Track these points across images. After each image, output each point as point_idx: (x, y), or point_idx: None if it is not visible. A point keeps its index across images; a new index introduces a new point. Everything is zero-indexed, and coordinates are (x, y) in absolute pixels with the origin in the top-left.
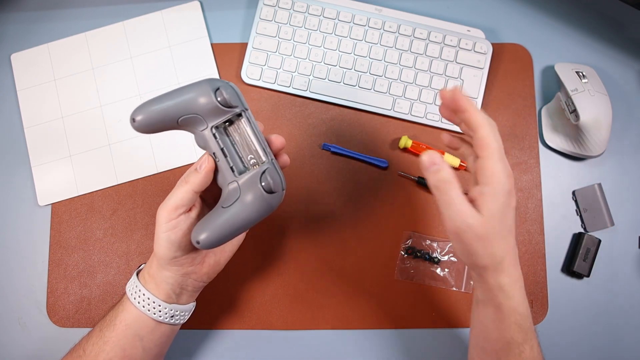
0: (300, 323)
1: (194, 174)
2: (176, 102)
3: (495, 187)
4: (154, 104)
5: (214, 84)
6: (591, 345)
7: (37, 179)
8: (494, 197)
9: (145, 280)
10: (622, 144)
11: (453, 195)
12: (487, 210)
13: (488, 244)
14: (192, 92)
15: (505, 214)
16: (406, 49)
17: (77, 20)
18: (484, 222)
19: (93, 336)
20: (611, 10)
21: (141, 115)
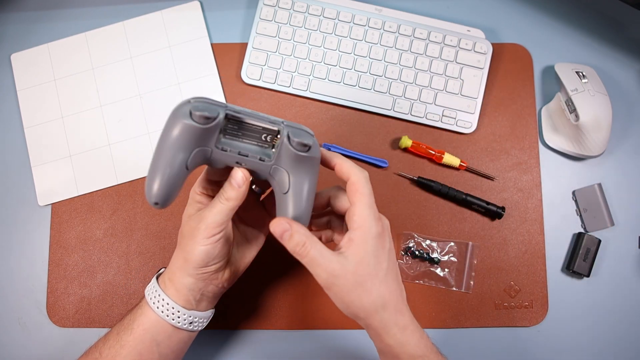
0: (300, 323)
1: (233, 191)
2: (172, 159)
3: (364, 230)
4: (157, 179)
5: (182, 112)
6: (591, 345)
7: (37, 179)
8: (363, 241)
9: (165, 285)
10: (622, 144)
11: (314, 254)
12: (357, 255)
13: (364, 292)
14: (173, 137)
15: (378, 257)
16: (406, 49)
17: (77, 20)
18: (354, 270)
19: (110, 339)
20: (611, 10)
21: (159, 197)
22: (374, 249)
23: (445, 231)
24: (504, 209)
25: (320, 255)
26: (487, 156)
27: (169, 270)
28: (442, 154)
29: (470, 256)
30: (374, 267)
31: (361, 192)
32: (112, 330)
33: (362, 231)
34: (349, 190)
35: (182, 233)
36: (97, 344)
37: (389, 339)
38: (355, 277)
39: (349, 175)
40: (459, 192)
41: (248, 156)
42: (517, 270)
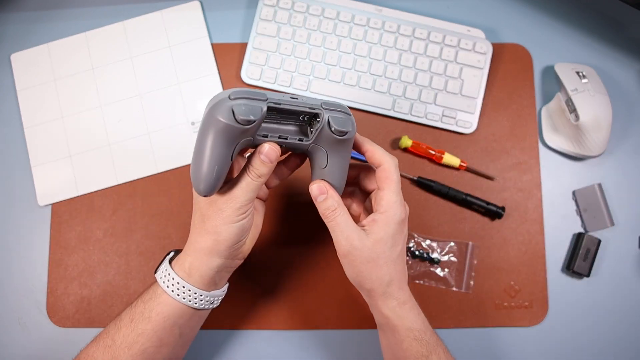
0: (300, 323)
1: (265, 167)
2: (217, 155)
3: (388, 215)
4: (204, 174)
5: (223, 111)
6: (591, 345)
7: (37, 179)
8: (386, 224)
9: (187, 272)
10: (622, 144)
11: (340, 220)
12: (377, 234)
13: (375, 267)
14: (215, 136)
15: (395, 241)
16: (406, 49)
17: (77, 20)
18: (371, 246)
19: (122, 327)
20: (611, 10)
21: (208, 190)
22: (394, 232)
23: (445, 231)
24: (504, 209)
25: (346, 224)
26: (487, 156)
27: (190, 256)
28: (442, 154)
29: (470, 256)
30: (389, 247)
31: (391, 178)
32: (122, 318)
33: (387, 215)
34: (379, 176)
35: (206, 215)
36: (107, 331)
37: (388, 311)
38: (370, 253)
39: (381, 162)
40: (459, 192)
41: (287, 138)
42: (517, 270)
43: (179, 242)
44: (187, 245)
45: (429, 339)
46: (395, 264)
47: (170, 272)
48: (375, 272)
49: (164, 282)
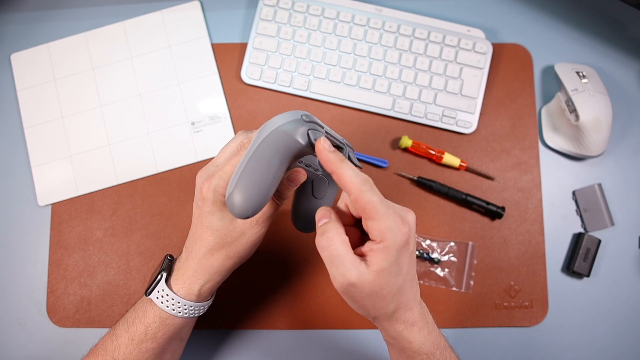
0: (300, 323)
1: (289, 191)
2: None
3: (386, 243)
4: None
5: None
6: (591, 345)
7: (37, 179)
8: (386, 253)
9: (198, 295)
10: (622, 144)
11: (337, 252)
12: (378, 266)
13: (378, 299)
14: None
15: (399, 264)
16: (406, 49)
17: (77, 20)
18: (373, 280)
19: (122, 345)
20: (611, 10)
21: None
22: (397, 257)
23: (445, 231)
24: (504, 209)
25: (341, 258)
26: (487, 156)
27: (201, 279)
28: (442, 154)
29: (470, 256)
30: (393, 276)
31: (370, 205)
32: (119, 335)
33: (385, 245)
34: (356, 207)
35: (227, 239)
36: (105, 348)
37: (395, 335)
38: (372, 287)
39: (349, 190)
40: (459, 192)
41: (310, 167)
42: (517, 270)
43: (179, 242)
44: (197, 267)
45: (438, 359)
46: (402, 289)
47: (174, 297)
48: (379, 303)
49: (167, 307)
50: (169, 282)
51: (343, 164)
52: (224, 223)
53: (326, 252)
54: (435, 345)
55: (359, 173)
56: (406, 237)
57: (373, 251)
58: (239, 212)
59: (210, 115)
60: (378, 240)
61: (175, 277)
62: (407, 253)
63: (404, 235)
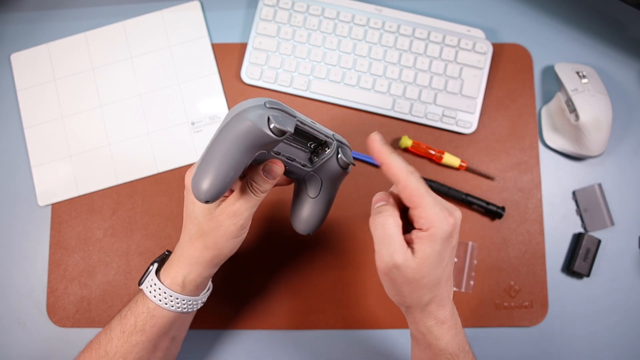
0: (300, 323)
1: (268, 184)
2: (236, 162)
3: (433, 231)
4: (214, 178)
5: (258, 117)
6: (591, 345)
7: (37, 179)
8: (432, 241)
9: (182, 286)
10: (622, 144)
11: (390, 232)
12: (423, 253)
13: (417, 288)
14: (244, 141)
15: (442, 256)
16: (406, 49)
17: (77, 20)
18: (416, 267)
19: (114, 338)
20: (611, 10)
21: (212, 196)
22: (441, 248)
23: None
24: (504, 209)
25: (393, 238)
26: (487, 156)
27: (184, 269)
28: (442, 154)
29: (470, 256)
30: (435, 266)
31: (418, 194)
32: (112, 328)
33: (431, 232)
34: (404, 197)
35: (205, 229)
36: (99, 342)
37: (424, 329)
38: (414, 273)
39: (398, 179)
40: (459, 192)
41: (294, 161)
42: (517, 270)
43: None
44: (180, 256)
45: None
46: (439, 282)
47: (161, 287)
48: (417, 292)
49: (155, 297)
50: (158, 274)
51: (392, 155)
52: (203, 212)
53: (379, 230)
54: (460, 347)
55: (406, 164)
56: (452, 229)
57: (419, 239)
58: (198, 194)
59: (210, 115)
60: (425, 228)
61: (164, 268)
62: (449, 246)
63: (450, 226)
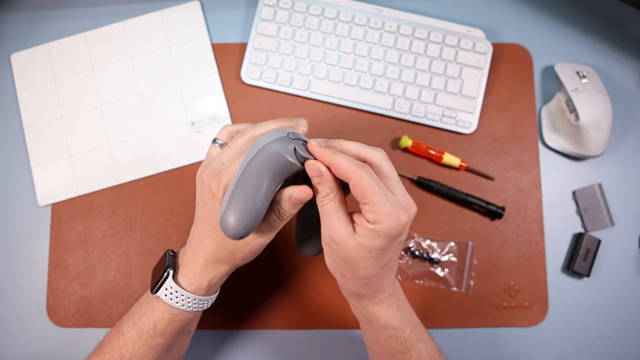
0: (300, 323)
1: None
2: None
3: (379, 227)
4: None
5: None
6: (591, 345)
7: (37, 179)
8: (375, 236)
9: (206, 290)
10: (622, 144)
11: (328, 209)
12: (363, 240)
13: (353, 268)
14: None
15: (383, 253)
16: (406, 49)
17: (77, 20)
18: (354, 248)
19: (130, 342)
20: (611, 10)
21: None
22: (385, 245)
23: (445, 231)
24: (504, 209)
25: (334, 214)
26: (487, 156)
27: (209, 275)
28: (442, 154)
29: (470, 256)
30: (375, 257)
31: (369, 190)
32: (126, 332)
33: (376, 227)
34: (355, 193)
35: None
36: (111, 345)
37: (360, 308)
38: (351, 254)
39: (348, 177)
40: (459, 192)
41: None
42: (517, 270)
43: (179, 242)
44: (207, 263)
45: (408, 335)
46: (378, 274)
47: (183, 293)
48: (352, 272)
49: (177, 303)
50: (176, 278)
51: (336, 154)
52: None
53: (321, 207)
54: (404, 322)
55: (354, 160)
56: (401, 228)
57: (363, 227)
58: (233, 233)
59: (210, 115)
60: (372, 222)
61: (183, 274)
62: (396, 243)
63: (399, 226)
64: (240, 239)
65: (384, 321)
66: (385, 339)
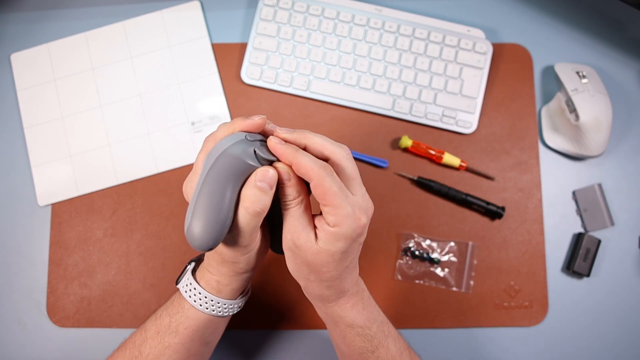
0: (300, 323)
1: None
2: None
3: (338, 230)
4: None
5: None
6: (591, 345)
7: (37, 179)
8: (336, 239)
9: (217, 290)
10: (622, 144)
11: (293, 213)
12: (325, 245)
13: (315, 272)
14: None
15: (345, 255)
16: (406, 49)
17: (77, 20)
18: (316, 253)
19: (149, 339)
20: (611, 10)
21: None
22: (345, 246)
23: (445, 231)
24: (504, 209)
25: (298, 219)
26: (487, 156)
27: (216, 276)
28: (442, 154)
29: (470, 256)
30: (337, 260)
31: (330, 193)
32: (147, 329)
33: (337, 230)
34: (315, 194)
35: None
36: (133, 341)
37: (325, 309)
38: (313, 259)
39: (309, 178)
40: (459, 192)
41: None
42: (517, 270)
43: (179, 242)
44: (209, 265)
45: (375, 333)
46: (341, 276)
47: (196, 287)
48: (314, 275)
49: (190, 297)
50: (195, 274)
51: (298, 153)
52: None
53: (285, 210)
54: (371, 320)
55: (317, 160)
56: (361, 230)
57: (324, 231)
58: (199, 244)
59: (210, 115)
60: (332, 225)
61: (200, 269)
62: (356, 245)
63: (359, 228)
64: (210, 249)
65: (350, 320)
66: (352, 339)
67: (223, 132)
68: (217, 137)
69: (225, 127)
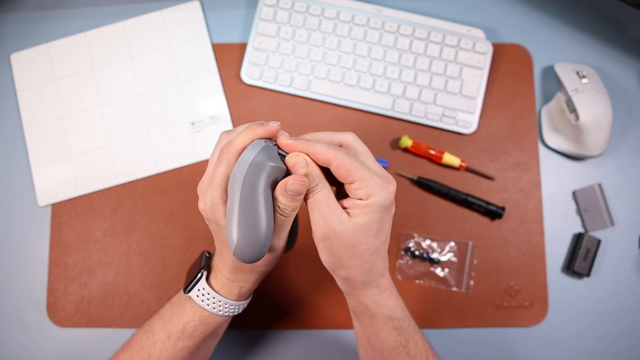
0: (301, 323)
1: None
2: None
3: (373, 200)
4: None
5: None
6: (591, 345)
7: (37, 179)
8: (371, 210)
9: (238, 295)
10: (622, 144)
11: (320, 198)
12: (360, 219)
13: (355, 254)
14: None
15: (381, 226)
16: (406, 49)
17: (77, 20)
18: (353, 231)
19: (158, 342)
20: (611, 10)
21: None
22: (381, 216)
23: (445, 231)
24: (504, 209)
25: (326, 202)
26: (487, 156)
27: (239, 282)
28: (442, 154)
29: (470, 256)
30: (374, 234)
31: (353, 168)
32: (156, 332)
33: (371, 201)
34: (338, 174)
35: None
36: (141, 344)
37: (367, 300)
38: (351, 238)
39: (329, 160)
40: (459, 192)
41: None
42: (517, 270)
43: (179, 242)
44: (228, 273)
45: (407, 326)
46: (379, 251)
47: (215, 295)
48: (355, 259)
49: (208, 305)
50: (208, 281)
51: (311, 142)
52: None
53: (310, 198)
54: (404, 312)
55: (330, 145)
56: (392, 197)
57: (358, 207)
58: (250, 259)
59: (210, 115)
60: (365, 197)
61: (215, 277)
62: (389, 214)
63: (391, 194)
64: (258, 260)
65: (389, 311)
66: (389, 332)
67: (242, 141)
68: (237, 146)
69: (244, 134)
